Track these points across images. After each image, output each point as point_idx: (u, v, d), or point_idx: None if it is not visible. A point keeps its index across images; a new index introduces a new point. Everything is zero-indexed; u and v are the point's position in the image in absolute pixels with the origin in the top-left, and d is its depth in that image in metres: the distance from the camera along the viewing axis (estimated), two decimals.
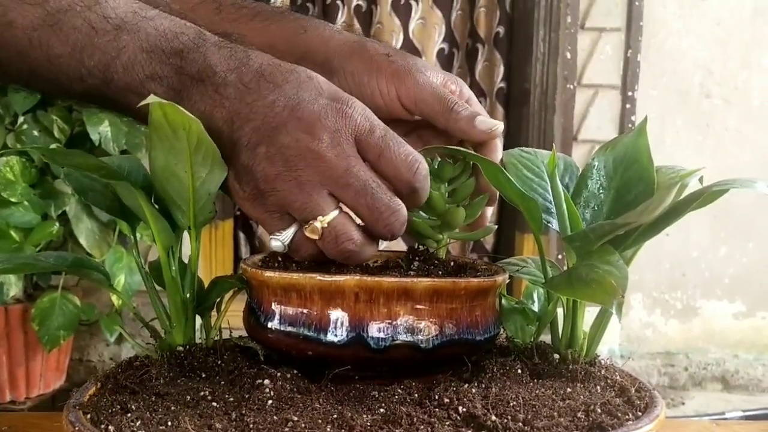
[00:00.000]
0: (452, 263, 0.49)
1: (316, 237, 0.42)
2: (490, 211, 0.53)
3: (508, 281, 0.47)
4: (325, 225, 0.41)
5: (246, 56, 0.42)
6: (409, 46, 2.11)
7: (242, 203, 0.43)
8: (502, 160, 0.50)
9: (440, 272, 0.46)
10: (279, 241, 0.43)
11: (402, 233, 0.43)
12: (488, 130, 0.48)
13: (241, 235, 2.14)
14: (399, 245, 0.54)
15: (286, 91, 0.41)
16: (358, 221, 0.42)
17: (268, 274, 0.43)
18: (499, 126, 0.49)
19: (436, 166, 0.48)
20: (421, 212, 0.48)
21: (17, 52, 0.40)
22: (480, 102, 0.53)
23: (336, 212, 0.41)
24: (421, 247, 0.48)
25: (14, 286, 1.62)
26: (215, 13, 0.55)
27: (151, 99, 0.39)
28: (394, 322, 0.41)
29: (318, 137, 0.40)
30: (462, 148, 0.48)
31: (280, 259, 0.47)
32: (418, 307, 0.41)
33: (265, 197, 0.42)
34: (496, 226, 0.58)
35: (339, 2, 2.08)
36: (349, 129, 0.41)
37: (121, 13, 0.42)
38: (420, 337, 0.41)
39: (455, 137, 0.50)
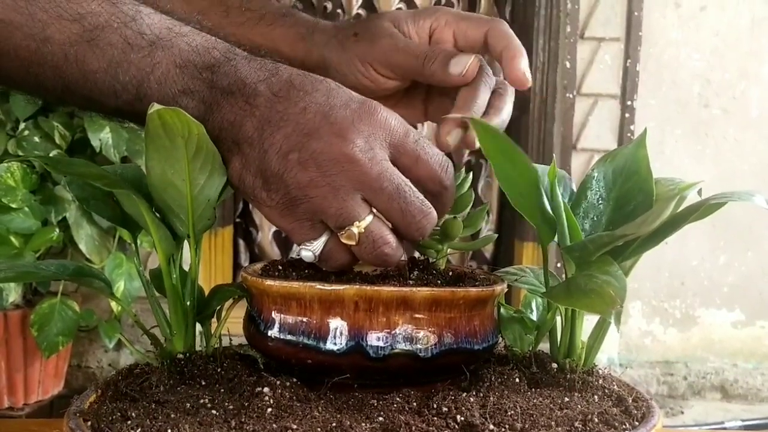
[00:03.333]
0: (451, 273, 0.49)
1: (353, 243, 0.41)
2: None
3: (506, 290, 0.47)
4: (362, 230, 0.41)
5: (275, 68, 0.43)
6: None
7: (270, 213, 0.43)
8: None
9: (439, 282, 0.46)
10: (310, 251, 0.42)
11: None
12: (463, 72, 0.48)
13: (241, 243, 2.14)
14: None
15: (316, 98, 0.41)
16: (388, 225, 0.42)
17: (269, 282, 0.43)
18: (469, 64, 0.48)
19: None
20: None
21: (52, 68, 0.41)
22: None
23: (371, 217, 0.41)
24: (421, 257, 0.49)
25: (14, 292, 1.62)
26: (223, 16, 0.56)
27: (154, 107, 0.39)
28: (393, 331, 0.41)
29: (351, 141, 0.40)
30: (485, 122, 0.47)
31: (280, 267, 0.47)
32: (417, 316, 0.42)
33: (296, 205, 0.41)
34: (497, 235, 0.59)
35: (339, 11, 2.09)
36: (384, 133, 0.41)
37: (156, 29, 0.42)
38: (419, 346, 0.41)
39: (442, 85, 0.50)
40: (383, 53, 0.49)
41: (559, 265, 1.88)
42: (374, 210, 0.42)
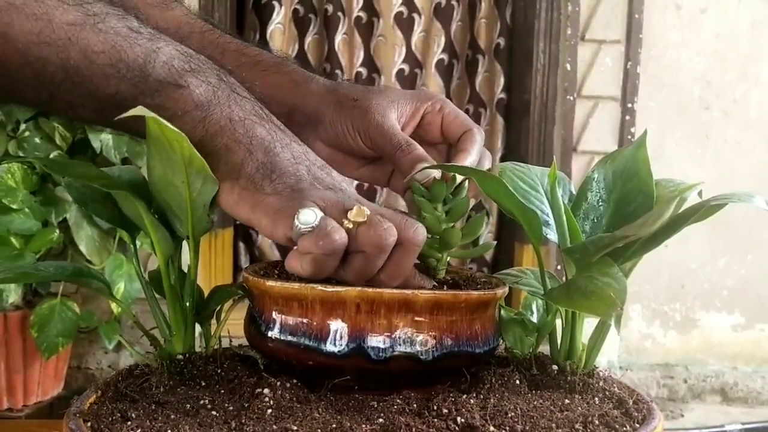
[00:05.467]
0: (452, 276, 0.49)
1: (361, 219, 0.40)
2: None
3: (507, 293, 0.47)
4: (368, 212, 0.41)
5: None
6: (410, 59, 2.12)
7: (261, 198, 0.42)
8: (499, 172, 0.50)
9: (441, 285, 0.46)
10: (313, 212, 0.40)
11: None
12: (423, 180, 0.49)
13: (241, 244, 2.14)
14: None
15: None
16: None
17: (270, 283, 0.43)
18: (433, 177, 0.50)
19: (429, 188, 0.48)
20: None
21: (55, 49, 0.40)
22: (480, 113, 0.55)
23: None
24: (421, 264, 0.49)
25: (13, 293, 1.62)
26: (219, 57, 0.57)
27: (141, 111, 0.39)
28: (395, 334, 0.41)
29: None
30: (459, 165, 0.49)
31: (280, 267, 0.47)
32: (419, 319, 0.42)
33: (301, 192, 0.41)
34: (495, 242, 0.60)
35: (340, 14, 2.09)
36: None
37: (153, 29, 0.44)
38: (420, 348, 0.41)
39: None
40: (370, 127, 0.53)
41: (559, 267, 1.88)
42: None
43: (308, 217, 0.40)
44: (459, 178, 0.49)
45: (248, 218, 0.42)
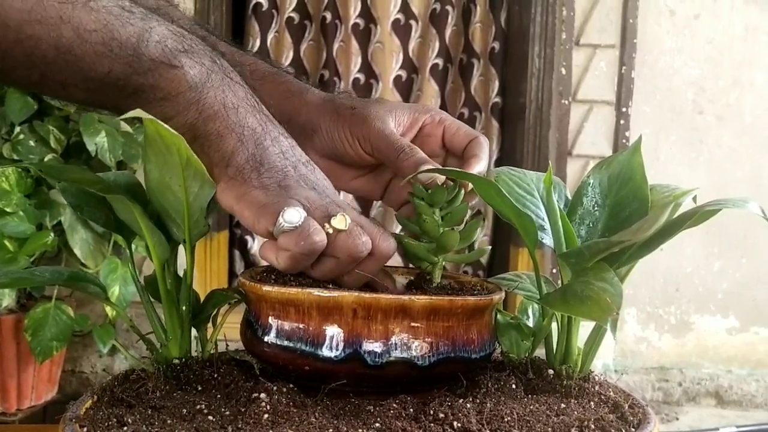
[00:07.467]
0: (448, 281, 0.49)
1: (342, 227, 0.42)
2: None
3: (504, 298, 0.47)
4: (349, 221, 0.42)
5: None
6: (408, 65, 2.12)
7: (248, 191, 0.43)
8: (495, 177, 0.51)
9: (436, 291, 0.46)
10: (298, 212, 0.41)
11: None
12: (427, 180, 0.50)
13: (236, 247, 2.14)
14: (397, 261, 0.55)
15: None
16: None
17: (267, 288, 0.43)
18: (435, 179, 0.50)
19: (429, 192, 0.48)
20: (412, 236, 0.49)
21: (48, 28, 0.40)
22: (475, 117, 0.55)
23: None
24: (416, 269, 0.49)
25: (7, 297, 1.62)
26: None
27: (138, 113, 0.39)
28: (391, 339, 0.41)
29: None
30: (455, 168, 0.49)
31: (276, 272, 0.47)
32: (415, 324, 0.42)
33: (288, 189, 0.43)
34: (490, 247, 0.59)
35: (337, 21, 2.09)
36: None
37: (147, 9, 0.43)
38: (416, 354, 0.41)
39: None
40: (370, 133, 0.53)
41: (554, 270, 1.88)
42: None
43: (293, 216, 0.41)
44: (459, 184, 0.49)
45: (231, 207, 0.43)
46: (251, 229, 0.44)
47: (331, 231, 0.42)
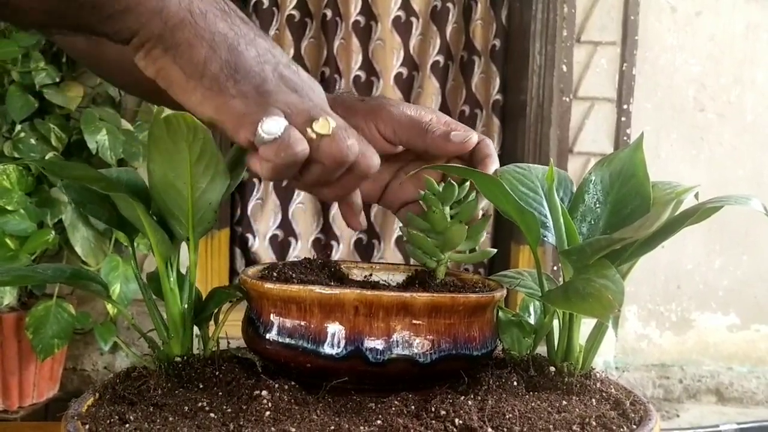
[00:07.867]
0: (450, 278, 0.49)
1: (326, 131, 0.41)
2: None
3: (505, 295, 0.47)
4: (333, 125, 0.41)
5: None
6: (408, 62, 2.12)
7: (226, 101, 0.41)
8: (496, 173, 0.51)
9: (439, 288, 0.46)
10: (277, 121, 0.40)
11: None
12: (462, 141, 0.49)
13: (237, 245, 2.14)
14: (397, 260, 0.54)
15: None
16: None
17: (268, 285, 0.43)
18: (472, 136, 0.50)
19: (441, 188, 0.48)
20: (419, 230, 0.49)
21: None
22: (476, 114, 0.55)
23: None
24: (420, 266, 0.49)
25: (9, 294, 1.62)
26: None
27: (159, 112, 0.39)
28: (392, 337, 0.41)
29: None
30: (458, 165, 0.49)
31: (279, 267, 0.47)
32: (417, 322, 0.42)
33: (267, 96, 0.41)
34: (495, 250, 0.58)
35: (337, 19, 2.09)
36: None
37: None
38: (418, 351, 0.42)
39: (436, 156, 0.52)
40: (389, 115, 0.51)
41: (555, 268, 1.88)
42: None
43: (272, 127, 0.40)
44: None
45: (211, 120, 0.42)
46: (234, 141, 0.42)
47: (314, 136, 0.40)
